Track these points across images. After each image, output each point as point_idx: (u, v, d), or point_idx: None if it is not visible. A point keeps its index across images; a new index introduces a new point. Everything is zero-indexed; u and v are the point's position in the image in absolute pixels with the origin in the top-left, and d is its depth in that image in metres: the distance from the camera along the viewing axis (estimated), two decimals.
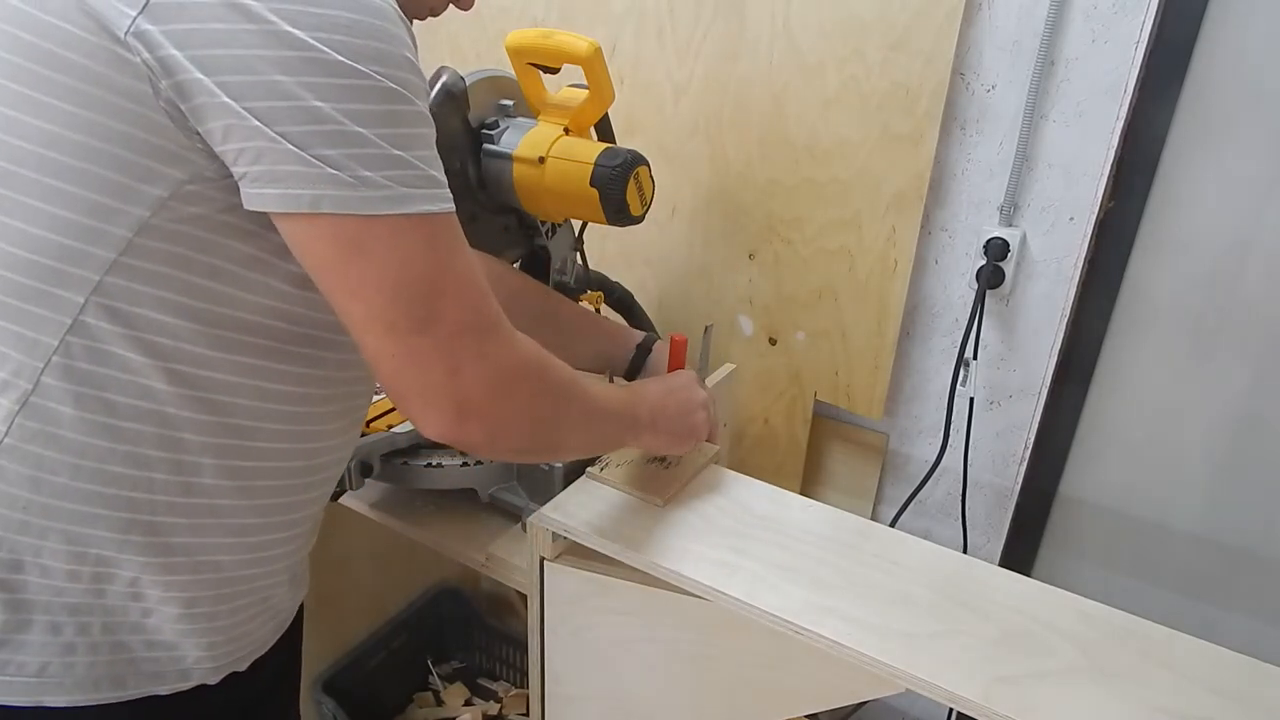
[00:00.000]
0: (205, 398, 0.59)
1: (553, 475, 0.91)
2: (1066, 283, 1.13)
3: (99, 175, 0.52)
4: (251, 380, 0.61)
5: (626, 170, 0.97)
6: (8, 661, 0.59)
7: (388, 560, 1.47)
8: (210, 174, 0.54)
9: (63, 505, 0.58)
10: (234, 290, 0.58)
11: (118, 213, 0.53)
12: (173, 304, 0.56)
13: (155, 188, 0.53)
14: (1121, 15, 1.00)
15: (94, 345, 0.55)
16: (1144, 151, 1.05)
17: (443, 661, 1.62)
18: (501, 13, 1.41)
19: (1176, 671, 0.67)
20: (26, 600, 0.59)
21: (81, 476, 0.57)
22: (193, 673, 0.65)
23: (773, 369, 1.36)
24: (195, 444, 0.60)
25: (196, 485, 0.61)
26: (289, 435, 0.65)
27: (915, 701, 1.41)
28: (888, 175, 1.16)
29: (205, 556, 0.63)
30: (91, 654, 0.61)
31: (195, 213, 0.54)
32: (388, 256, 0.54)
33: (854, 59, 1.13)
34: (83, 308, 0.54)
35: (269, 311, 0.60)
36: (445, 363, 0.57)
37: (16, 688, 0.59)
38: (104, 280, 0.54)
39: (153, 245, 0.54)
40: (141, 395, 0.57)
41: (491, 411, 0.60)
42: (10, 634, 0.59)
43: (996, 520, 1.30)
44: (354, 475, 0.91)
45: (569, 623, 0.86)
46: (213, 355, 0.59)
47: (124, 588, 0.61)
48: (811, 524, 0.83)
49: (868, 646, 0.68)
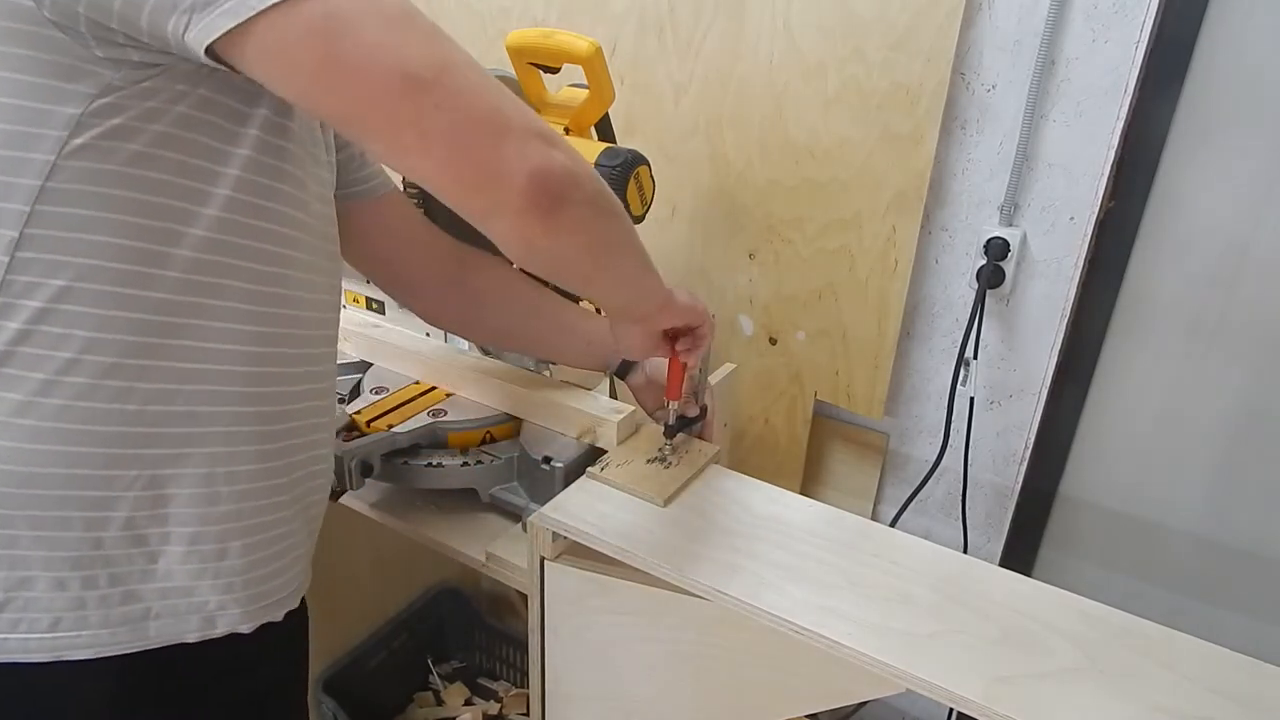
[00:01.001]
0: (157, 321, 0.58)
1: (553, 475, 0.91)
2: (1067, 282, 1.13)
3: (6, 105, 0.51)
4: (196, 297, 0.59)
5: (627, 170, 0.97)
6: (18, 620, 0.58)
7: (388, 560, 1.48)
8: (119, 83, 0.52)
9: (37, 448, 0.56)
10: (171, 202, 0.56)
11: (36, 138, 0.52)
12: (107, 224, 0.54)
13: (67, 106, 0.51)
14: (1121, 15, 1.00)
15: (35, 282, 0.54)
16: (1144, 151, 1.05)
17: (443, 661, 1.62)
18: (501, 13, 1.41)
19: (1176, 671, 0.67)
20: (23, 556, 0.58)
21: (54, 417, 0.56)
22: (218, 619, 0.65)
23: (773, 369, 1.36)
24: (160, 370, 0.59)
25: (171, 414, 0.60)
26: (244, 357, 0.63)
27: (915, 701, 1.41)
28: (888, 175, 1.16)
29: (196, 489, 0.62)
30: (103, 606, 0.60)
31: (116, 125, 0.52)
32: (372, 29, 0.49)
33: (854, 59, 1.13)
34: (17, 242, 0.53)
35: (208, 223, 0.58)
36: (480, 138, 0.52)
37: (32, 645, 0.59)
38: (34, 210, 0.53)
39: (78, 165, 0.53)
40: (96, 325, 0.56)
41: (557, 175, 0.55)
42: (15, 591, 0.58)
43: (996, 520, 1.30)
44: (354, 475, 0.91)
45: (569, 623, 0.86)
46: (159, 274, 0.57)
47: (120, 531, 0.60)
48: (812, 524, 0.83)
49: (868, 646, 0.68)
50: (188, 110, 0.55)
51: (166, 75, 0.54)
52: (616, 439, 0.93)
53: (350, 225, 0.81)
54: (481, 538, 0.95)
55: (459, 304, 0.94)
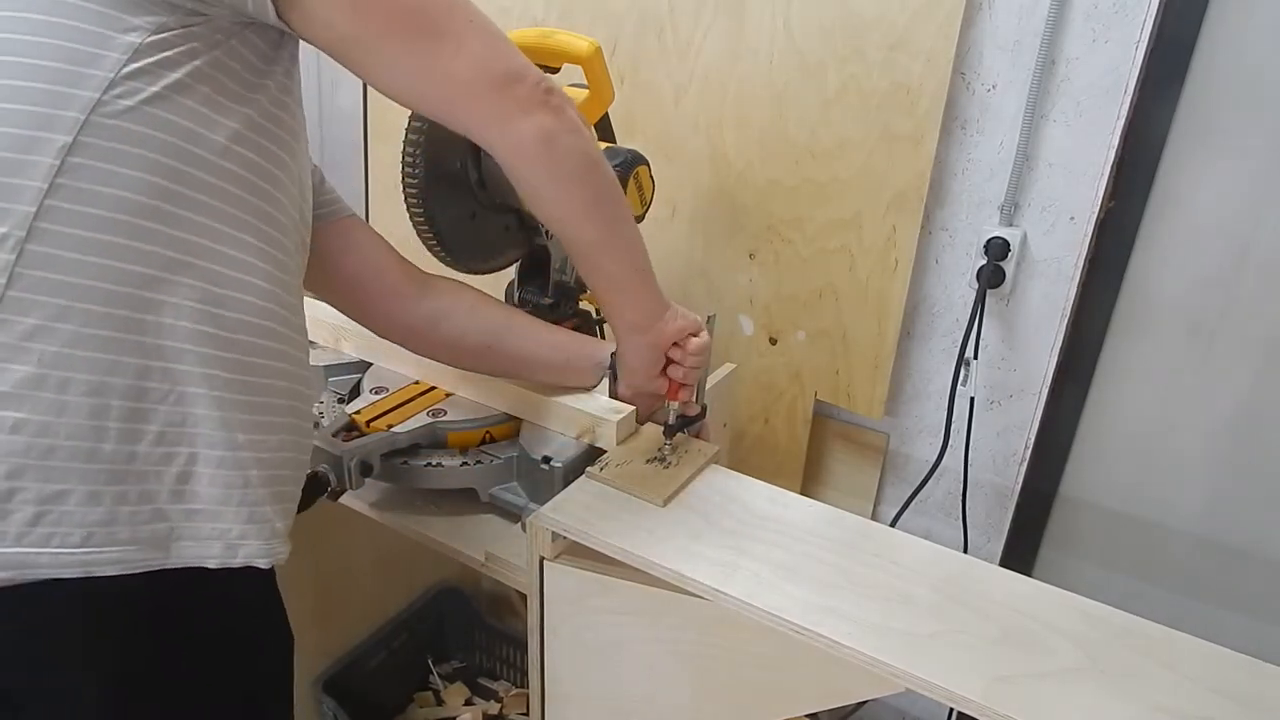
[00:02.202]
0: (188, 240, 0.62)
1: (553, 475, 0.91)
2: (1067, 282, 1.13)
3: (71, 27, 0.57)
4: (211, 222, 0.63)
5: (626, 170, 0.97)
6: (50, 534, 0.58)
7: (388, 560, 1.47)
8: (173, 24, 0.59)
9: (76, 354, 0.58)
10: (194, 126, 0.61)
11: (99, 58, 0.57)
12: (151, 140, 0.59)
13: (127, 35, 0.58)
14: (1121, 15, 1.00)
15: (92, 165, 0.57)
16: (1144, 151, 1.05)
17: (443, 661, 1.62)
18: (501, 12, 1.41)
19: (1176, 671, 0.67)
20: (60, 468, 0.58)
21: (92, 322, 0.58)
22: (239, 549, 0.66)
23: (773, 369, 1.36)
24: (188, 288, 0.62)
25: (197, 332, 0.62)
26: (260, 291, 0.66)
27: (915, 701, 1.41)
28: (888, 175, 1.16)
29: (220, 412, 0.64)
30: (132, 522, 0.61)
31: (165, 56, 0.59)
32: None
33: (854, 59, 1.13)
34: (70, 147, 0.57)
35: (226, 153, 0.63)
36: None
37: (64, 559, 0.59)
38: (90, 118, 0.57)
39: (136, 84, 0.58)
40: (130, 234, 0.59)
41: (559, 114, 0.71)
42: (50, 505, 0.58)
43: (997, 520, 1.30)
44: (354, 475, 0.91)
45: (569, 623, 0.86)
46: (185, 194, 0.61)
47: (152, 446, 0.61)
48: (812, 524, 0.83)
49: (868, 646, 0.68)
50: (220, 56, 0.63)
51: (208, 25, 0.61)
52: (616, 439, 0.93)
53: (315, 249, 0.84)
54: (481, 538, 0.95)
55: (424, 323, 0.95)
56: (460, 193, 0.99)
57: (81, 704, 0.64)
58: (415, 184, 0.94)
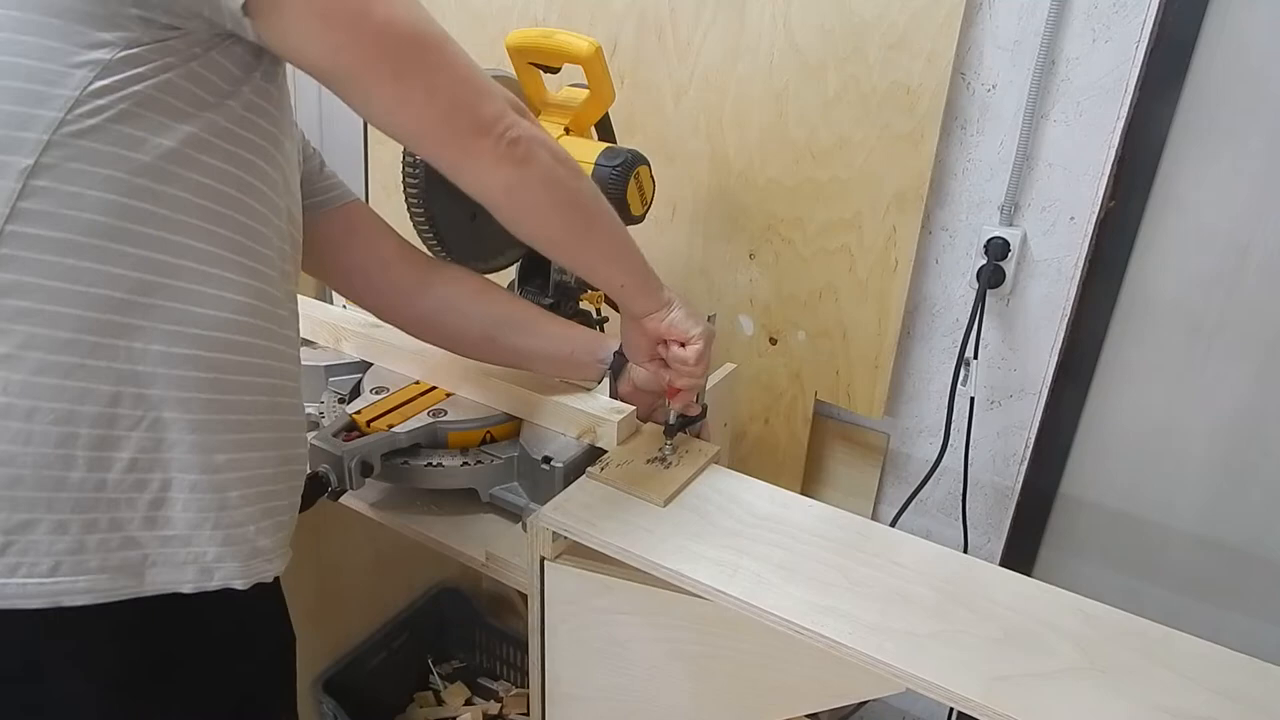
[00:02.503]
0: (157, 259, 0.60)
1: (553, 475, 0.91)
2: (1067, 282, 1.13)
3: (36, 45, 0.55)
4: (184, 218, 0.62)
5: (627, 170, 0.97)
6: (17, 564, 0.58)
7: (388, 560, 1.48)
8: (146, 40, 0.57)
9: (43, 381, 0.57)
10: (162, 140, 0.60)
11: (65, 75, 0.55)
12: (113, 158, 0.58)
13: (94, 52, 0.56)
14: (1121, 15, 1.00)
15: (55, 188, 0.56)
16: (1144, 151, 1.05)
17: (443, 661, 1.62)
18: (502, 12, 1.41)
19: (1176, 671, 0.67)
20: (26, 497, 0.58)
21: (59, 349, 0.57)
22: (215, 571, 0.65)
23: (773, 369, 1.36)
24: (162, 311, 0.60)
25: (172, 356, 0.61)
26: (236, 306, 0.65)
27: (915, 701, 1.41)
28: (888, 175, 1.16)
29: (197, 435, 0.63)
30: (102, 551, 0.60)
31: (134, 73, 0.57)
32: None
33: (854, 59, 1.13)
34: (31, 170, 0.55)
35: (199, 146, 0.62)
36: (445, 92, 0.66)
37: (31, 589, 0.58)
38: (53, 138, 0.56)
39: (101, 103, 0.56)
40: (98, 257, 0.58)
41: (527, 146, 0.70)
42: (16, 535, 0.58)
43: (997, 520, 1.30)
44: (354, 475, 0.91)
45: (569, 622, 0.86)
46: (155, 211, 0.60)
47: (123, 473, 0.60)
48: (812, 524, 0.83)
49: (868, 646, 0.68)
50: (196, 67, 0.61)
51: (184, 39, 0.60)
52: (616, 439, 0.93)
53: (317, 235, 0.84)
54: (482, 538, 0.95)
55: (428, 310, 0.95)
56: (460, 193, 0.99)
57: (81, 710, 0.64)
58: (416, 184, 0.94)
